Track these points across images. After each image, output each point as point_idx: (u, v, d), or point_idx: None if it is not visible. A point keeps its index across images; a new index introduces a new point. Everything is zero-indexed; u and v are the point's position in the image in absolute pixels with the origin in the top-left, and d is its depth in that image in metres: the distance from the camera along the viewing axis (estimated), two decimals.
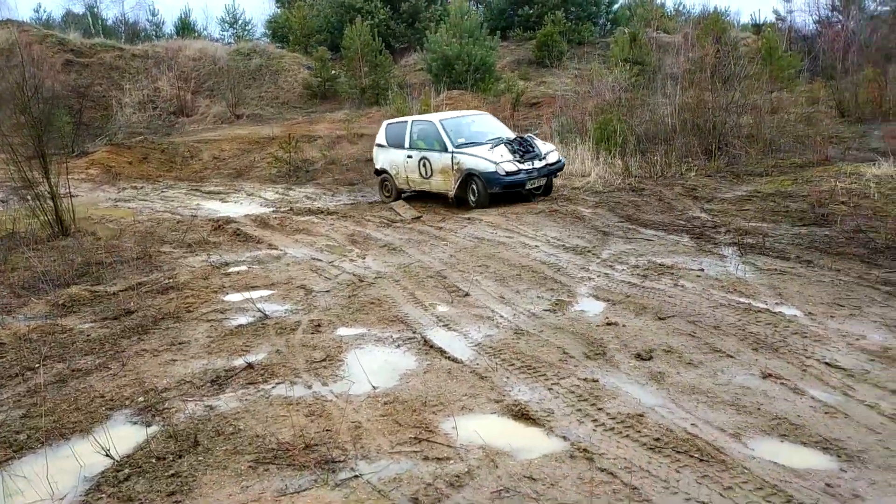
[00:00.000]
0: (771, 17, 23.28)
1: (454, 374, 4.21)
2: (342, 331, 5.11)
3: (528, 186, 9.18)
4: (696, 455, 3.10)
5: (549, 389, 3.88)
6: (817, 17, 18.33)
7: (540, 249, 6.96)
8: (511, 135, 10.02)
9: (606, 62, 19.58)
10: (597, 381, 3.94)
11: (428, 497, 2.93)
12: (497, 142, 9.46)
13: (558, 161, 9.63)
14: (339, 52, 22.63)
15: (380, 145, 10.85)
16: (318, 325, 5.23)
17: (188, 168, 16.28)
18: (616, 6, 28.64)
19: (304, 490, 3.04)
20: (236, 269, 7.09)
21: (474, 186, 9.28)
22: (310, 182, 14.31)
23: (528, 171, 9.10)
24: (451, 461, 3.21)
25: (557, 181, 10.18)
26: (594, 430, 3.39)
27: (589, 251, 6.77)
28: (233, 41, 29.52)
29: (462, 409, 3.74)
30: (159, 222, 9.78)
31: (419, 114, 13.16)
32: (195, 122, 20.68)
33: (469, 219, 8.65)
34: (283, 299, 5.98)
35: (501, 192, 9.08)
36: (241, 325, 5.31)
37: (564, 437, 3.35)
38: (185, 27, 29.85)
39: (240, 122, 20.41)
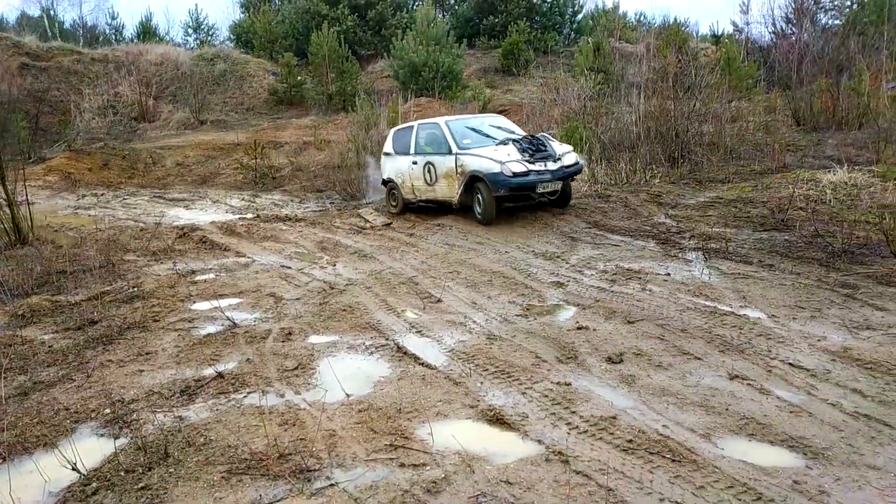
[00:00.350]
0: (729, 29, 24.02)
1: (428, 380, 4.21)
2: (314, 338, 5.07)
3: (540, 190, 8.11)
4: (669, 455, 3.16)
5: (523, 394, 3.91)
6: (773, 29, 18.96)
7: (510, 255, 7.02)
8: (521, 134, 9.16)
9: (571, 71, 19.91)
10: (569, 384, 3.98)
11: None
12: (504, 140, 8.62)
13: (576, 164, 8.58)
14: (306, 59, 22.50)
15: (387, 153, 10.26)
16: (290, 333, 5.17)
17: (151, 175, 15.95)
18: (580, 16, 29.18)
19: (278, 500, 3.00)
20: (203, 277, 6.97)
21: (479, 195, 8.29)
22: (277, 189, 14.17)
23: (539, 173, 8.07)
24: (428, 467, 3.21)
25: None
26: (568, 433, 3.43)
27: (558, 257, 6.85)
28: (196, 46, 29.06)
29: (437, 414, 3.74)
30: (122, 230, 9.55)
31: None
32: (158, 127, 20.29)
33: (440, 225, 8.68)
34: (252, 307, 5.90)
35: (509, 198, 8.11)
36: (209, 334, 5.22)
37: (539, 441, 3.38)
38: (147, 31, 29.28)
39: (204, 128, 20.10)
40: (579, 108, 13.27)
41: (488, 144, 8.59)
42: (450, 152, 8.68)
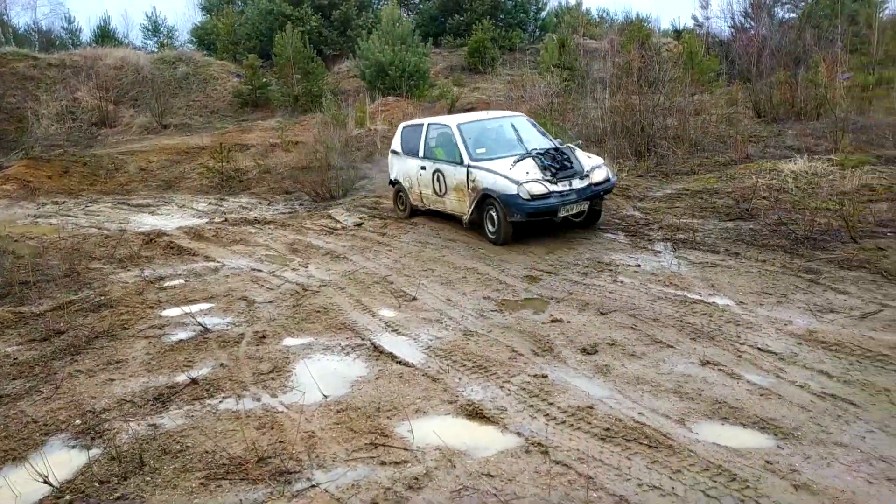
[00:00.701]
0: (690, 24, 24.44)
1: (406, 378, 4.21)
2: (288, 341, 5.02)
3: (563, 214, 6.99)
4: (645, 442, 3.21)
5: (501, 387, 3.94)
6: (732, 24, 19.39)
7: (483, 251, 7.05)
8: (546, 144, 7.89)
9: (537, 68, 20.05)
10: (546, 376, 4.03)
11: (388, 501, 2.93)
12: (523, 155, 7.33)
13: (606, 180, 7.33)
14: (270, 60, 22.24)
15: (395, 152, 9.28)
16: (263, 337, 5.12)
17: (113, 181, 15.58)
18: (544, 13, 29.40)
19: (260, 503, 2.97)
20: (172, 283, 6.84)
21: (492, 213, 7.22)
22: (244, 192, 13.99)
23: (562, 195, 6.91)
24: (409, 464, 3.21)
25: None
26: (547, 425, 3.47)
27: (531, 252, 6.90)
28: (157, 49, 28.49)
29: (416, 412, 3.74)
30: (85, 238, 9.31)
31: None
32: (119, 132, 19.83)
33: (413, 224, 8.67)
34: (224, 312, 5.82)
35: (526, 223, 7.05)
36: (181, 341, 5.13)
37: (519, 433, 3.41)
38: (105, 35, 28.59)
39: (167, 133, 19.71)
40: (546, 105, 13.38)
41: (504, 155, 7.46)
42: (461, 163, 7.56)
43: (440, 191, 8.01)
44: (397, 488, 3.01)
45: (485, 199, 7.26)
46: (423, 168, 8.32)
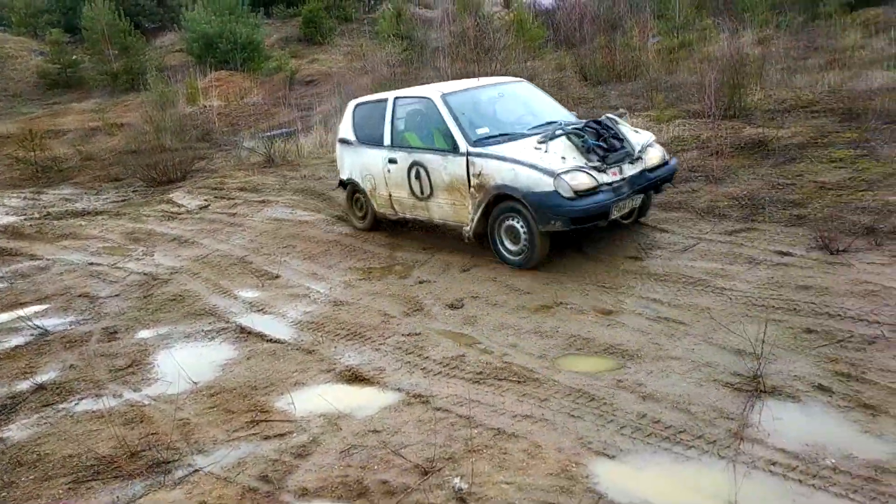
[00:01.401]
0: None
1: (279, 354, 4.17)
2: (143, 333, 4.73)
3: (615, 215, 4.88)
4: (514, 379, 3.50)
5: (377, 350, 4.05)
6: None
7: (343, 224, 7.03)
8: (570, 118, 5.84)
9: (376, 38, 19.94)
10: (419, 333, 4.19)
11: (277, 472, 2.93)
12: (551, 132, 5.10)
13: (665, 163, 5.35)
14: (80, 35, 19.98)
15: (344, 141, 6.65)
16: (114, 332, 4.77)
17: None
18: None
19: (139, 497, 2.84)
20: None
21: (512, 222, 5.00)
22: (65, 182, 12.60)
23: (613, 187, 4.83)
24: (294, 434, 3.23)
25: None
26: (424, 377, 3.64)
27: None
28: None
29: (295, 384, 3.74)
30: None
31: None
32: None
33: (264, 201, 8.38)
34: (63, 311, 5.32)
35: (568, 232, 4.83)
36: (17, 347, 4.63)
37: (399, 389, 3.55)
38: None
39: None
40: (390, 75, 13.42)
41: (519, 135, 5.29)
42: (455, 150, 5.27)
43: (422, 192, 5.66)
44: (285, 458, 3.02)
45: (498, 202, 5.05)
46: (393, 162, 5.91)
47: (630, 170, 5.01)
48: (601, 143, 5.00)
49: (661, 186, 5.35)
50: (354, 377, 3.74)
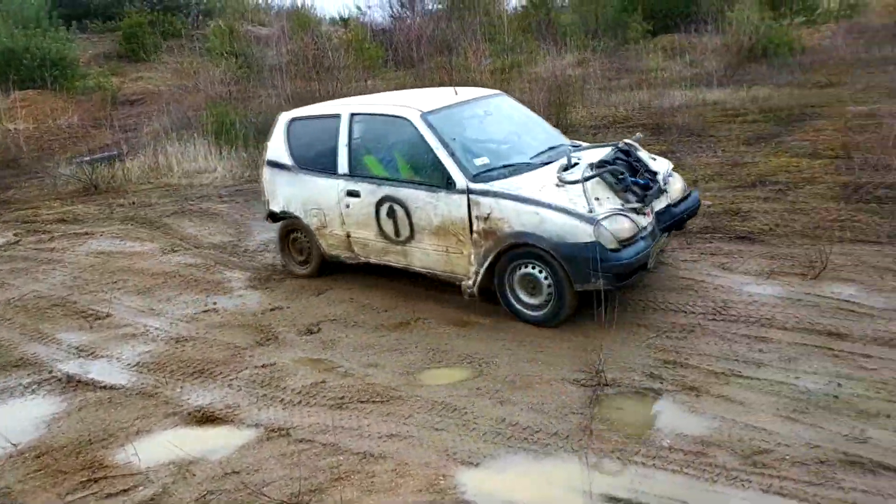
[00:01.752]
0: (354, 12, 25.63)
1: (116, 401, 3.79)
2: None
3: (651, 265, 4.16)
4: (378, 399, 3.49)
5: (229, 386, 3.82)
6: (391, 13, 20.99)
7: (181, 252, 6.58)
8: (563, 139, 5.10)
9: (208, 55, 18.99)
10: (274, 364, 4.03)
11: None
12: (568, 162, 4.26)
13: (688, 195, 4.66)
14: None
15: (276, 165, 5.36)
16: None
17: None
18: None
19: None
20: None
21: (532, 269, 4.06)
22: None
23: (651, 233, 4.09)
24: (141, 487, 2.95)
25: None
26: (283, 409, 3.50)
27: (235, 244, 6.68)
28: None
29: (137, 433, 3.42)
30: None
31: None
32: None
33: (87, 233, 7.58)
34: None
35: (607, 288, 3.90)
36: None
37: (256, 424, 3.38)
38: None
39: None
40: (225, 93, 12.85)
41: (524, 165, 4.41)
42: (450, 186, 4.24)
43: (397, 234, 4.61)
44: None
45: (514, 252, 4.08)
46: (354, 195, 4.76)
47: (658, 205, 4.26)
48: (638, 180, 4.18)
49: (685, 222, 4.63)
50: (205, 418, 3.50)
